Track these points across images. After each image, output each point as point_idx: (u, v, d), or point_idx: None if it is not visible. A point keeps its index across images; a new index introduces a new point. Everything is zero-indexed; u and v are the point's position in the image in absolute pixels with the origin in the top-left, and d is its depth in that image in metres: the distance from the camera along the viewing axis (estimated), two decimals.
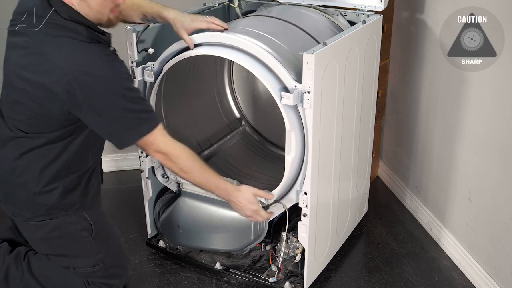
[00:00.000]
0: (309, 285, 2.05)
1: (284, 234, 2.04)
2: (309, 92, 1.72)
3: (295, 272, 2.10)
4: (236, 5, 2.37)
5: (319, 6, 2.28)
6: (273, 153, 2.65)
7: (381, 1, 2.13)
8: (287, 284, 2.03)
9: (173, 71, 2.00)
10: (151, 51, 2.00)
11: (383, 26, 2.30)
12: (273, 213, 1.96)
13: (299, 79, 1.75)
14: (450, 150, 2.23)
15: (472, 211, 2.12)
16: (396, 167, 2.78)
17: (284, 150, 1.86)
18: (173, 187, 2.21)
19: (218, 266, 2.16)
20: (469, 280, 2.13)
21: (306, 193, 1.87)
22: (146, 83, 2.02)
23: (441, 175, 2.32)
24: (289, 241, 2.08)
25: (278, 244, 2.11)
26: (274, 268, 2.11)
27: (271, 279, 2.06)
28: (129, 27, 1.97)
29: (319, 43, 1.82)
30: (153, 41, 2.08)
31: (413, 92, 2.51)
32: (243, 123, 2.71)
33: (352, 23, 2.20)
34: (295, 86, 1.74)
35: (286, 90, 1.77)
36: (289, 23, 2.10)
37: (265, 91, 2.58)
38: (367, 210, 2.56)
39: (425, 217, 2.47)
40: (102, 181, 1.94)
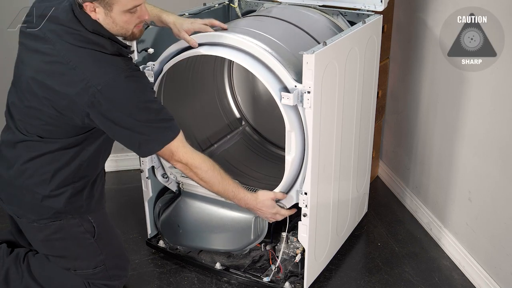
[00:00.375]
0: (309, 285, 2.05)
1: (284, 234, 2.04)
2: (309, 92, 1.72)
3: (295, 272, 2.10)
4: (236, 5, 2.38)
5: (319, 6, 2.28)
6: (273, 153, 2.65)
7: (381, 1, 2.13)
8: (287, 284, 2.03)
9: (173, 71, 2.00)
10: (151, 51, 2.01)
11: (383, 26, 2.30)
12: (293, 210, 1.96)
13: (299, 79, 1.75)
14: (450, 150, 2.22)
15: (472, 211, 2.12)
16: (396, 167, 2.78)
17: (284, 150, 1.86)
18: (173, 187, 2.21)
19: (218, 266, 2.16)
20: (469, 280, 2.13)
21: (306, 193, 1.87)
22: None
23: (441, 175, 2.32)
24: (289, 241, 2.08)
25: (278, 244, 2.11)
26: (274, 268, 2.11)
27: (266, 278, 2.06)
28: None
29: (319, 43, 1.82)
30: (153, 41, 2.08)
31: (413, 92, 2.51)
32: (243, 123, 2.71)
33: (352, 23, 2.20)
34: (295, 86, 1.74)
35: (286, 90, 1.77)
36: (289, 23, 2.10)
37: (265, 91, 2.58)
38: (367, 210, 2.56)
39: (425, 217, 2.47)
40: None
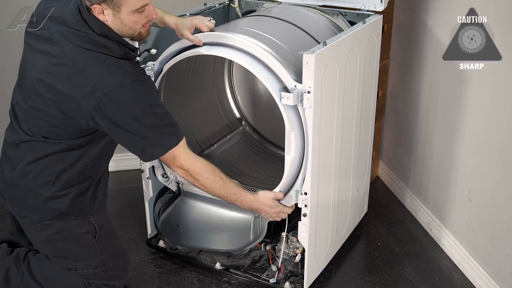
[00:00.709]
0: (309, 285, 2.05)
1: (284, 234, 2.04)
2: (309, 92, 1.72)
3: (295, 272, 2.10)
4: (236, 5, 2.37)
5: (319, 6, 2.28)
6: (273, 153, 2.65)
7: (381, 1, 2.13)
8: (287, 284, 2.03)
9: (173, 71, 2.00)
10: (153, 51, 2.00)
11: (383, 26, 2.30)
12: (295, 205, 1.96)
13: (299, 79, 1.75)
14: (450, 150, 2.22)
15: (472, 211, 2.12)
16: (396, 167, 2.78)
17: (284, 150, 1.86)
18: (173, 187, 2.21)
19: (218, 266, 2.16)
20: (469, 280, 2.13)
21: (306, 193, 1.87)
22: None
23: (441, 175, 2.32)
24: (289, 241, 2.08)
25: (278, 244, 2.11)
26: (274, 268, 2.11)
27: (271, 279, 2.06)
28: None
29: (319, 43, 1.82)
30: (153, 41, 2.08)
31: (413, 92, 2.51)
32: (243, 123, 2.71)
33: (352, 23, 2.20)
34: (295, 86, 1.74)
35: (286, 90, 1.77)
36: (289, 23, 2.10)
37: (265, 91, 2.58)
38: (367, 210, 2.56)
39: (425, 217, 2.47)
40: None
